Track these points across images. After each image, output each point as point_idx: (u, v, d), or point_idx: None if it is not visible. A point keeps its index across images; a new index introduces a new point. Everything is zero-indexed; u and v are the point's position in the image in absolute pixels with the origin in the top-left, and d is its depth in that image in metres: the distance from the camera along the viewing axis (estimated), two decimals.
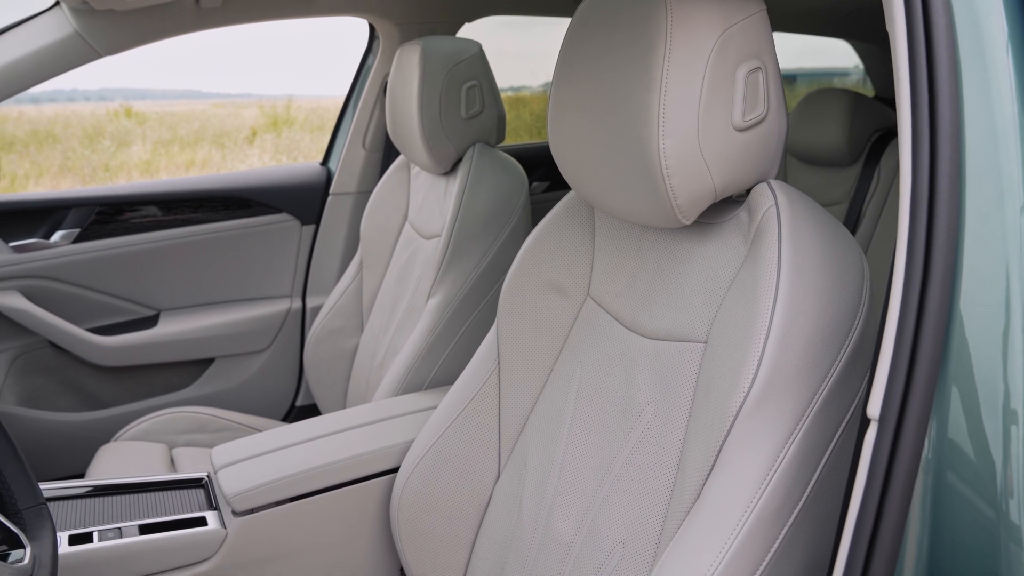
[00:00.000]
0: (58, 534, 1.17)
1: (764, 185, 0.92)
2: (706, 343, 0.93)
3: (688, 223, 0.92)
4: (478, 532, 1.19)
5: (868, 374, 0.86)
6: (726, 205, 0.98)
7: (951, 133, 0.67)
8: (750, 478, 0.81)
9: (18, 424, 2.04)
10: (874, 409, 0.67)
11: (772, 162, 0.93)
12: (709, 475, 0.85)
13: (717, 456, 0.84)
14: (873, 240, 2.13)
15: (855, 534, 0.67)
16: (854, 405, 0.85)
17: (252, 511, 1.24)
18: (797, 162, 2.35)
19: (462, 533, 1.20)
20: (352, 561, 1.32)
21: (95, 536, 1.17)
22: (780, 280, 0.83)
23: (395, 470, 1.32)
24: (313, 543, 1.29)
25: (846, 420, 0.85)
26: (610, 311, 1.08)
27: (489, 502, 1.18)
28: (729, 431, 0.83)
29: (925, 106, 0.67)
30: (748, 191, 0.94)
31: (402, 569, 1.36)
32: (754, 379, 0.82)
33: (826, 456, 0.84)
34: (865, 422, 0.70)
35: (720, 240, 0.96)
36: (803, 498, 0.82)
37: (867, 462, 0.67)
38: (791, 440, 0.82)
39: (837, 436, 0.84)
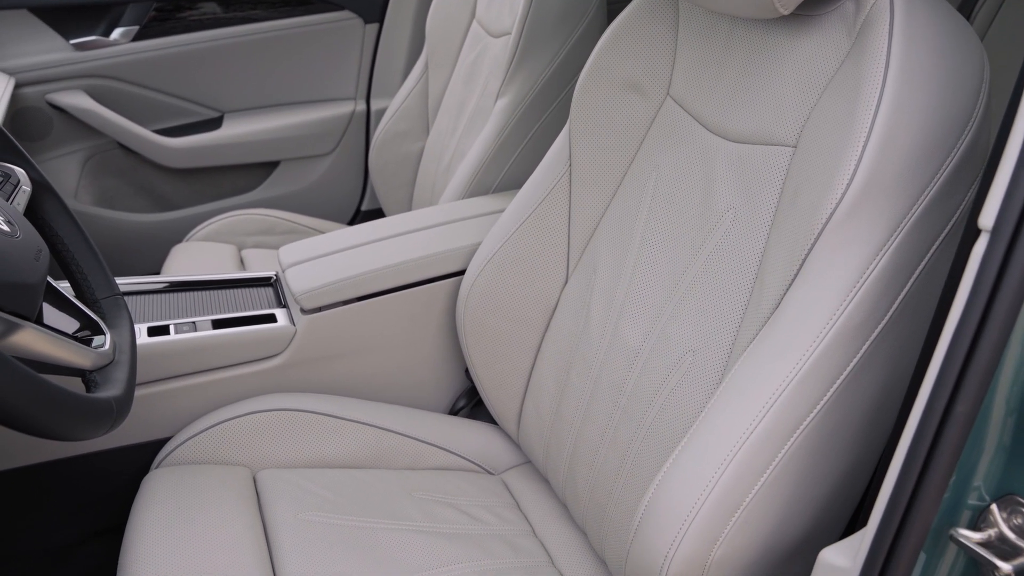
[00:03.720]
0: (136, 326, 1.20)
1: None
2: (795, 147, 0.86)
3: (786, 13, 0.83)
4: (544, 336, 1.19)
5: (977, 184, 0.79)
6: None
7: None
8: (835, 289, 0.77)
9: (95, 224, 2.09)
10: (987, 219, 0.61)
11: None
12: (791, 285, 0.81)
13: (801, 266, 0.80)
14: (985, 42, 1.95)
15: (949, 352, 0.63)
16: (956, 217, 0.79)
17: (320, 309, 1.25)
18: None
19: (528, 337, 1.19)
20: (417, 361, 1.35)
21: (171, 329, 1.20)
22: (887, 77, 0.75)
23: (461, 272, 1.31)
24: (379, 342, 1.30)
25: (945, 232, 0.79)
26: (691, 112, 1.01)
27: (556, 307, 1.17)
28: (816, 240, 0.78)
29: None
30: None
31: (467, 370, 1.39)
32: (848, 185, 0.76)
33: (919, 270, 0.79)
34: (973, 233, 0.65)
35: (820, 34, 0.86)
36: (889, 313, 0.78)
37: (972, 276, 0.61)
38: (883, 252, 0.77)
39: (933, 249, 0.79)
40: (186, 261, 1.82)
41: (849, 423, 0.80)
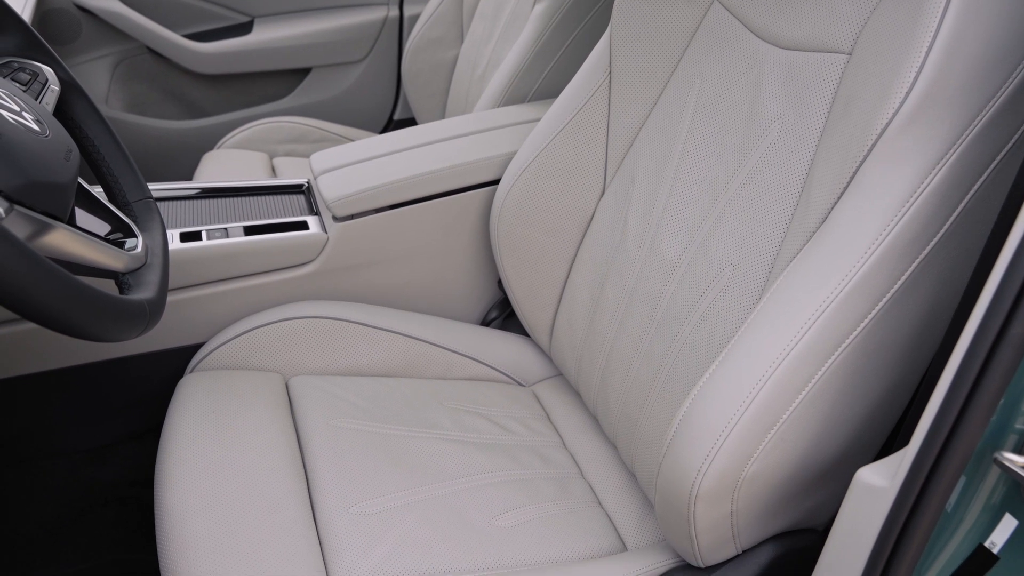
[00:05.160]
0: (168, 231, 1.20)
1: None
2: (850, 54, 0.82)
3: None
4: (579, 248, 1.16)
5: None
6: None
7: None
8: (886, 204, 0.74)
9: (126, 130, 2.08)
10: None
11: None
12: (839, 200, 0.78)
13: (851, 179, 0.77)
14: None
15: (1009, 271, 0.60)
16: (1021, 131, 0.75)
17: (352, 217, 1.24)
18: None
19: (563, 248, 1.17)
20: (450, 271, 1.34)
21: (203, 235, 1.20)
22: None
23: (496, 182, 1.28)
24: (412, 251, 1.29)
25: (1009, 145, 0.75)
26: (740, 17, 0.96)
27: (592, 218, 1.15)
28: (868, 153, 0.75)
29: None
30: None
31: (499, 281, 1.38)
32: (907, 94, 0.72)
33: (977, 186, 0.75)
34: None
35: None
36: (942, 230, 0.75)
37: None
38: (940, 165, 0.73)
39: (995, 163, 0.75)
40: (217, 169, 1.81)
41: (893, 342, 0.78)
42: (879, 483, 0.68)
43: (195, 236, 1.19)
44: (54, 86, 0.92)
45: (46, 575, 1.25)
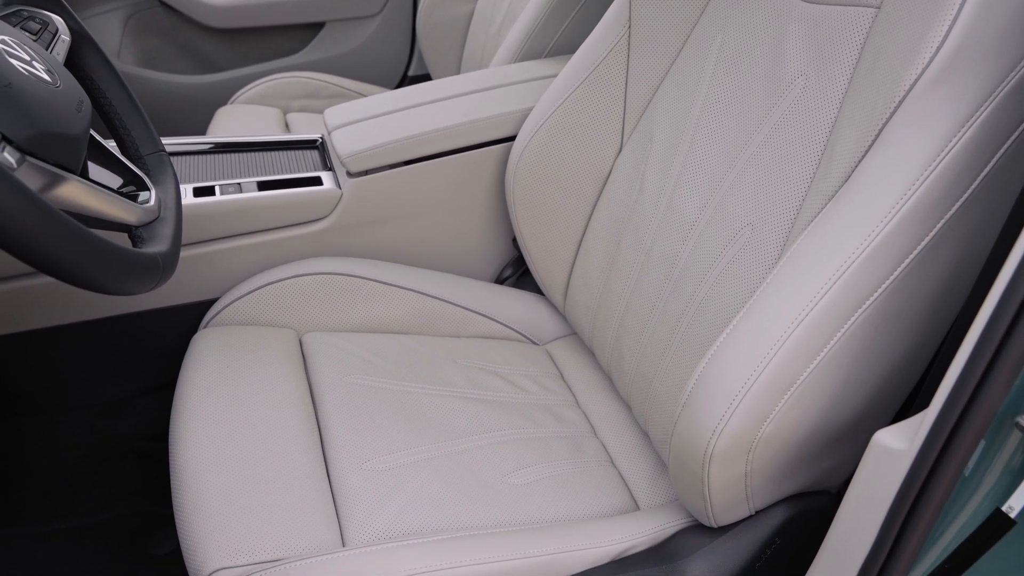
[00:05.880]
0: (182, 186, 1.19)
1: None
2: (879, 8, 0.79)
3: None
4: (595, 206, 1.15)
5: None
6: None
7: None
8: (912, 164, 0.72)
9: (138, 84, 2.07)
10: None
11: None
12: (863, 158, 0.76)
13: (876, 137, 0.75)
14: None
15: None
16: None
17: (366, 173, 1.23)
18: None
19: (579, 206, 1.16)
20: (464, 228, 1.33)
21: (217, 190, 1.19)
22: None
23: (512, 138, 1.27)
24: (426, 208, 1.28)
25: None
26: None
27: (609, 176, 1.13)
28: (896, 109, 0.73)
29: None
30: None
31: (514, 239, 1.37)
32: (938, 49, 0.70)
33: (1006, 147, 0.73)
34: None
35: None
36: (968, 192, 0.73)
37: None
38: (968, 124, 0.71)
39: None
40: (231, 124, 1.80)
41: (914, 304, 0.77)
42: (897, 446, 0.67)
43: (208, 191, 1.19)
44: (64, 36, 0.91)
45: (64, 526, 1.27)
